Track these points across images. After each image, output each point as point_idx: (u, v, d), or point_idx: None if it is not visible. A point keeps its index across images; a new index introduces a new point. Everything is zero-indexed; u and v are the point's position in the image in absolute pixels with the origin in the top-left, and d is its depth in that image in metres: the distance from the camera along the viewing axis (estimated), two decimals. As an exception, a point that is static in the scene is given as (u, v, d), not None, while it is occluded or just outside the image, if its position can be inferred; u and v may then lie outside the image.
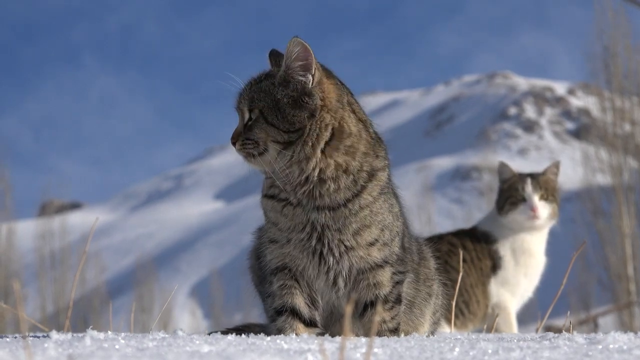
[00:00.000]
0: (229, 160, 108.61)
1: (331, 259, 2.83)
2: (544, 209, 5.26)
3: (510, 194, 5.26)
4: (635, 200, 21.35)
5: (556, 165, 5.53)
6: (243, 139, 2.81)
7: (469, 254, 5.29)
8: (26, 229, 34.68)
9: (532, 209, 5.19)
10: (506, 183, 5.32)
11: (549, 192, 5.37)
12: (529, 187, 5.25)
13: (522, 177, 5.32)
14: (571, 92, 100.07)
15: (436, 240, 5.24)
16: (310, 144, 2.77)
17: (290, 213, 2.81)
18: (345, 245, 2.81)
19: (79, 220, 61.32)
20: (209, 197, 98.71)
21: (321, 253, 2.82)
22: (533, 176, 5.36)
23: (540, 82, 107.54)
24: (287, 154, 2.77)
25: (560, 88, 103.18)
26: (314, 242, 2.81)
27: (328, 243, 2.81)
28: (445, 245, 5.26)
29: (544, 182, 5.35)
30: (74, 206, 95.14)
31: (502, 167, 5.39)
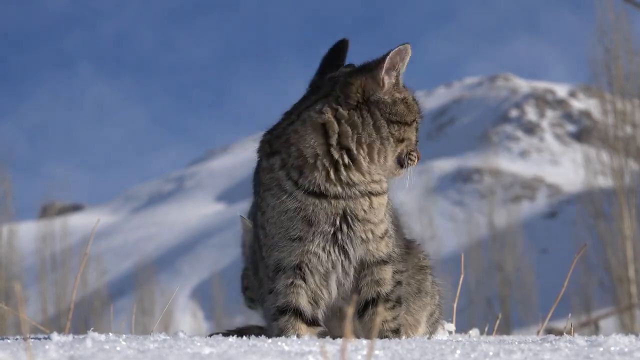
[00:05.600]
0: (231, 162, 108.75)
1: (352, 249, 2.88)
2: None
3: None
4: (636, 202, 21.36)
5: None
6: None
7: None
8: (27, 231, 34.70)
9: None
10: None
11: None
12: None
13: None
14: (572, 94, 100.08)
15: None
16: None
17: (326, 206, 2.86)
18: (362, 238, 2.88)
19: (80, 222, 61.35)
20: (210, 199, 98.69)
21: (342, 246, 2.87)
22: None
23: (541, 85, 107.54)
24: None
25: (561, 90, 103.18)
26: (339, 234, 2.86)
27: (354, 234, 2.87)
28: None
29: None
30: (75, 208, 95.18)
31: None
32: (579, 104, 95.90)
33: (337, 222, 2.84)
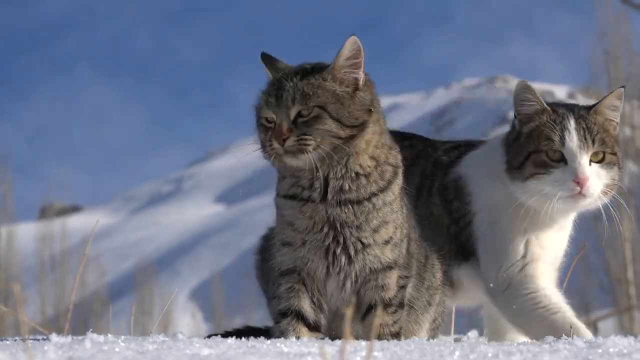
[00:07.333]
0: (230, 163, 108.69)
1: (343, 259, 2.83)
2: (596, 181, 3.03)
3: (536, 146, 3.04)
4: (635, 204, 21.36)
5: (619, 95, 3.20)
6: (298, 134, 2.77)
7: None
8: (27, 232, 34.69)
9: (578, 179, 2.94)
10: (529, 123, 3.05)
11: (607, 146, 3.07)
12: (573, 137, 2.97)
13: (560, 114, 3.03)
14: (571, 96, 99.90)
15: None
16: (365, 138, 2.83)
17: (310, 211, 2.81)
18: (362, 243, 2.83)
19: (80, 223, 61.28)
20: (210, 200, 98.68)
21: (334, 253, 2.82)
22: (579, 114, 3.05)
23: (540, 86, 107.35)
24: (344, 149, 2.79)
25: (560, 92, 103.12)
26: (328, 241, 2.81)
27: (344, 241, 2.81)
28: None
29: (599, 128, 3.06)
30: (75, 209, 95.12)
31: (523, 89, 3.02)
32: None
33: (326, 228, 2.81)
